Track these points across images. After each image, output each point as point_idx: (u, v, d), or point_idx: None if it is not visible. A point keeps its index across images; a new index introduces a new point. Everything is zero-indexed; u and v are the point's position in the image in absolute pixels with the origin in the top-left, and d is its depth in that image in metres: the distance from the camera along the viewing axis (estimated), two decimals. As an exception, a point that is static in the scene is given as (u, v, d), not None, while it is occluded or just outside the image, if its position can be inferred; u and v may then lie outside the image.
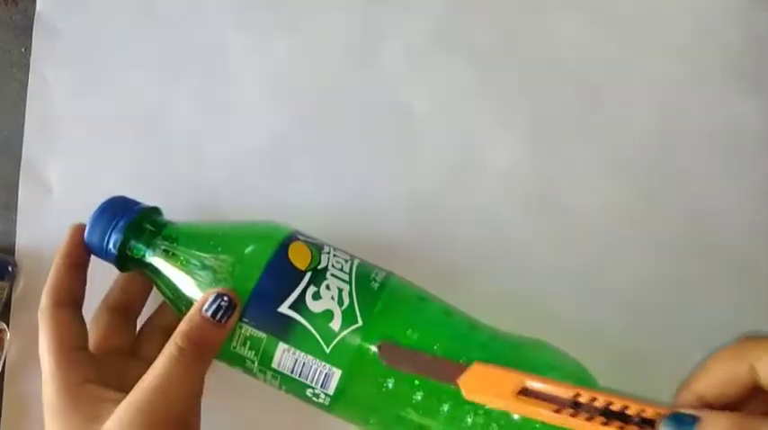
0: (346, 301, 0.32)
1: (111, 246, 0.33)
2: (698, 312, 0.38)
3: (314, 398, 0.32)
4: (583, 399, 0.27)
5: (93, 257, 0.35)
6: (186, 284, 0.33)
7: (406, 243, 0.40)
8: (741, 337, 0.26)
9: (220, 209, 0.41)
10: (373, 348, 0.31)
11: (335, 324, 0.31)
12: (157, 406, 0.29)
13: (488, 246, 0.40)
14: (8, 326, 0.40)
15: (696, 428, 0.25)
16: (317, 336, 0.31)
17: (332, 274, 0.32)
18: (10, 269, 0.40)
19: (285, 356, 0.31)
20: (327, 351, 0.31)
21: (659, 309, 0.39)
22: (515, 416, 0.30)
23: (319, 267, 0.33)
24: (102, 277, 0.36)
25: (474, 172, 0.41)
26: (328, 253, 0.34)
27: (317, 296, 0.32)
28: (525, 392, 0.28)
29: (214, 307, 0.31)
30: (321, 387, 0.32)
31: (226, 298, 0.31)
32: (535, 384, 0.28)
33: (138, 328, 0.37)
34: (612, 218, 0.40)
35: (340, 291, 0.32)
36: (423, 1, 0.43)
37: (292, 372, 0.32)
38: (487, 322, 0.34)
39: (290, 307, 0.31)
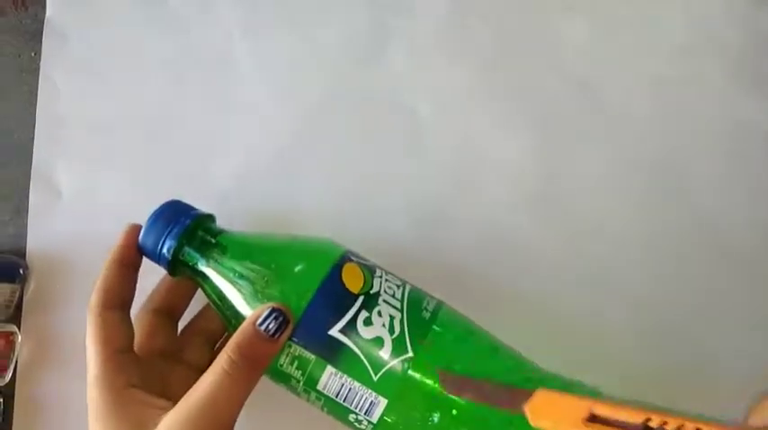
0: (397, 330, 0.32)
1: (165, 250, 0.33)
2: (702, 311, 0.39)
3: (356, 424, 0.32)
4: (653, 424, 0.26)
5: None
6: (236, 296, 0.32)
7: (410, 244, 0.40)
8: None
9: (229, 211, 0.40)
10: (429, 381, 0.31)
11: (385, 352, 0.31)
12: (207, 418, 0.29)
13: (492, 246, 0.40)
14: (20, 328, 0.40)
15: None
16: (366, 363, 0.31)
17: (384, 300, 0.32)
18: (21, 272, 0.40)
19: (332, 380, 0.31)
20: (375, 379, 0.31)
21: (663, 308, 0.39)
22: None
23: (372, 292, 0.32)
24: (147, 278, 0.36)
25: (478, 173, 0.41)
26: (380, 277, 0.33)
27: (368, 322, 0.31)
28: (593, 419, 0.28)
29: (268, 321, 0.30)
30: (365, 414, 0.31)
31: (280, 313, 0.31)
32: (603, 410, 0.27)
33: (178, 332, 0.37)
34: (615, 218, 0.40)
35: (392, 318, 0.32)
36: (425, 3, 0.44)
37: (337, 397, 0.31)
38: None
39: (341, 331, 0.31)
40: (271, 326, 0.30)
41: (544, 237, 0.40)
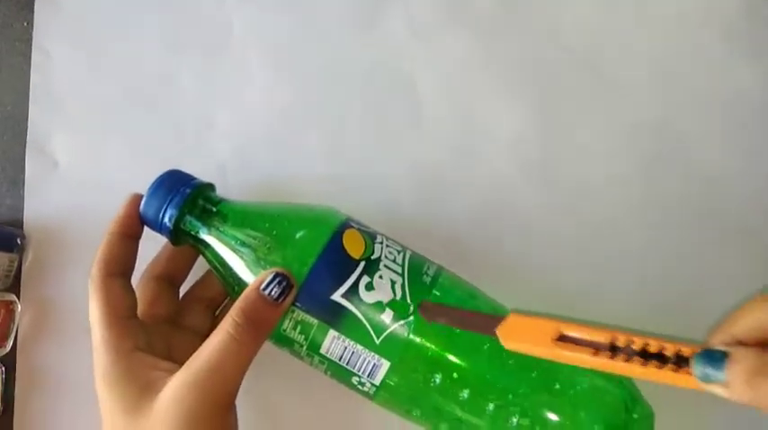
0: (399, 294, 0.32)
1: (166, 220, 0.33)
2: (699, 277, 0.39)
3: (359, 386, 0.33)
4: (620, 343, 0.28)
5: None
6: (238, 263, 0.33)
7: (411, 214, 0.41)
8: None
9: (226, 182, 0.41)
10: (430, 343, 0.31)
11: (387, 316, 0.32)
12: (214, 380, 0.29)
13: (492, 215, 0.40)
14: (19, 298, 0.40)
15: (726, 363, 0.25)
16: (368, 327, 0.32)
17: (385, 265, 0.33)
18: (19, 242, 0.40)
19: (335, 344, 0.32)
20: (377, 342, 0.31)
21: (662, 274, 0.39)
22: (556, 418, 0.31)
23: (373, 257, 0.33)
24: (147, 246, 0.36)
25: (477, 142, 0.41)
26: (381, 243, 0.34)
27: (369, 286, 0.32)
28: (563, 339, 0.29)
29: (272, 286, 0.31)
30: (368, 376, 0.32)
31: (284, 278, 0.31)
32: (572, 330, 0.28)
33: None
34: (614, 184, 0.40)
35: (393, 283, 0.32)
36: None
37: (340, 360, 0.32)
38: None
39: (343, 295, 0.32)
40: (274, 291, 0.31)
41: (543, 204, 0.40)
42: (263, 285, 0.31)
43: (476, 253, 0.40)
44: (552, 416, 0.31)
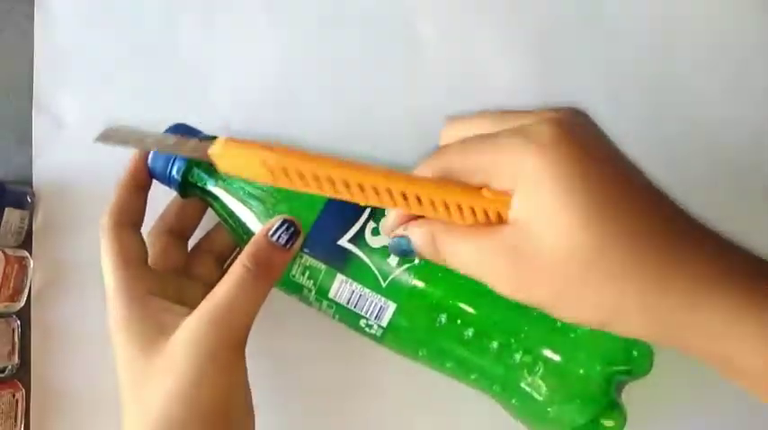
0: (404, 239, 0.33)
1: (174, 172, 0.34)
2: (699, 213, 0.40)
3: (366, 329, 0.34)
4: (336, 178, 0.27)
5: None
6: (247, 214, 0.33)
7: (411, 161, 0.41)
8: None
9: (230, 133, 0.41)
10: (435, 286, 0.32)
11: (393, 260, 0.32)
12: (225, 321, 0.30)
13: None
14: (31, 254, 0.40)
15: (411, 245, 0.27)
16: (375, 271, 0.32)
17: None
18: (29, 199, 0.41)
19: (342, 287, 0.33)
20: (383, 285, 0.32)
21: None
22: (557, 358, 0.32)
23: (378, 204, 0.33)
24: (156, 202, 0.36)
25: (476, 87, 0.42)
26: None
27: (375, 232, 0.33)
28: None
29: (280, 232, 0.32)
30: (375, 318, 0.33)
31: (291, 224, 0.32)
32: (280, 161, 0.27)
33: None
34: (614, 133, 0.41)
35: (398, 228, 0.33)
36: None
37: (348, 303, 0.33)
38: None
39: (350, 241, 0.33)
40: (282, 237, 0.32)
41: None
42: (272, 231, 0.32)
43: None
44: (554, 355, 0.32)
